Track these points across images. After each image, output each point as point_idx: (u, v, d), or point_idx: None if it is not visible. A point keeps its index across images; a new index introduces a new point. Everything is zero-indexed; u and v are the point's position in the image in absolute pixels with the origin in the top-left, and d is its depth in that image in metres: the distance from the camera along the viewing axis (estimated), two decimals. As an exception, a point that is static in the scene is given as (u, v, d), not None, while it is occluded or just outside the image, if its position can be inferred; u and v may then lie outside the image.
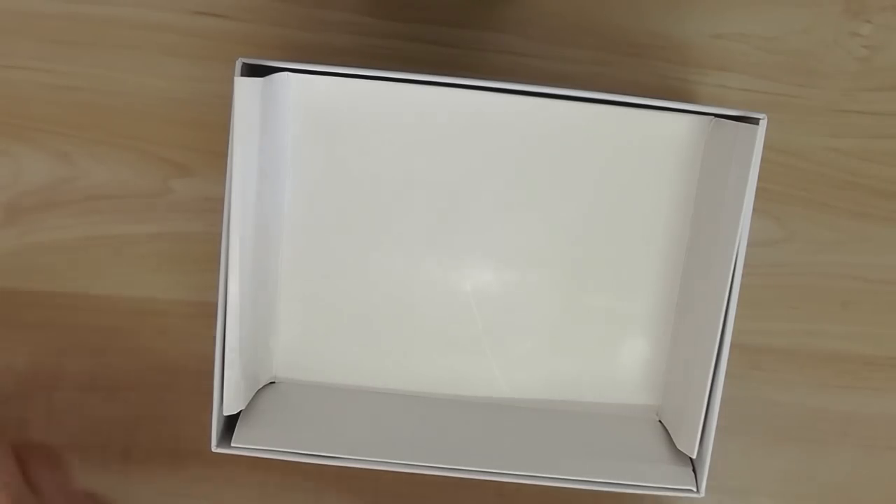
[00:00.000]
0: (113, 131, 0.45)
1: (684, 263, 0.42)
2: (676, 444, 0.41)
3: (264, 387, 0.44)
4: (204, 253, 0.45)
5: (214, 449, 0.37)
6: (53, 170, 0.45)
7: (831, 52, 0.45)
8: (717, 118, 0.39)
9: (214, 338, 0.37)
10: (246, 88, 0.35)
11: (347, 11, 0.44)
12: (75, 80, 0.45)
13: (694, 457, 0.39)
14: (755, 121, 0.35)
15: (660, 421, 0.43)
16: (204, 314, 0.45)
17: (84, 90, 0.45)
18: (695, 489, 0.38)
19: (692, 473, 0.39)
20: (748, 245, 0.36)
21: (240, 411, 0.40)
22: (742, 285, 0.36)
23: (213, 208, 0.37)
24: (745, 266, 0.36)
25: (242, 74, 0.35)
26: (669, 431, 0.42)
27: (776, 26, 0.44)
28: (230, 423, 0.39)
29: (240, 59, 0.35)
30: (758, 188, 0.35)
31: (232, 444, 0.38)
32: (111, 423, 0.47)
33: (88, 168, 0.45)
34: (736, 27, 0.44)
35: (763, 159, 0.35)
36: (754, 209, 0.35)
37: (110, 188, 0.45)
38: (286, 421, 0.42)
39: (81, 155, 0.45)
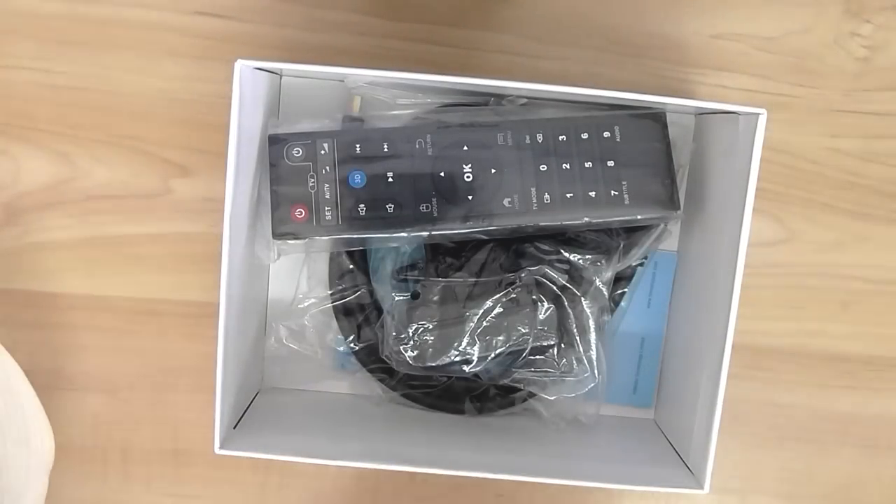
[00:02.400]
0: (113, 131, 0.45)
1: (681, 262, 0.42)
2: (677, 445, 0.41)
3: (265, 389, 0.44)
4: (204, 253, 0.45)
5: (218, 451, 0.37)
6: (53, 170, 0.45)
7: (831, 52, 0.45)
8: (716, 115, 0.39)
9: (215, 338, 0.37)
10: (245, 89, 0.36)
11: (347, 11, 0.44)
12: (75, 80, 0.45)
13: (696, 456, 0.39)
14: (755, 116, 0.35)
15: (655, 422, 0.43)
16: (204, 314, 0.45)
17: (84, 90, 0.45)
18: (698, 487, 0.38)
19: (692, 473, 0.39)
20: (748, 245, 0.36)
21: (242, 413, 0.40)
22: (742, 285, 0.36)
23: (213, 208, 0.37)
24: (745, 266, 0.36)
25: (241, 75, 0.35)
26: (669, 432, 0.42)
27: (776, 26, 0.44)
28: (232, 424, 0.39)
29: (238, 61, 0.35)
30: (758, 188, 0.35)
31: (234, 446, 0.38)
32: (111, 423, 0.47)
33: (88, 168, 0.45)
34: (736, 27, 0.44)
35: (763, 159, 0.35)
36: (754, 209, 0.35)
37: (110, 188, 0.45)
38: (286, 423, 0.42)
39: (81, 155, 0.45)
